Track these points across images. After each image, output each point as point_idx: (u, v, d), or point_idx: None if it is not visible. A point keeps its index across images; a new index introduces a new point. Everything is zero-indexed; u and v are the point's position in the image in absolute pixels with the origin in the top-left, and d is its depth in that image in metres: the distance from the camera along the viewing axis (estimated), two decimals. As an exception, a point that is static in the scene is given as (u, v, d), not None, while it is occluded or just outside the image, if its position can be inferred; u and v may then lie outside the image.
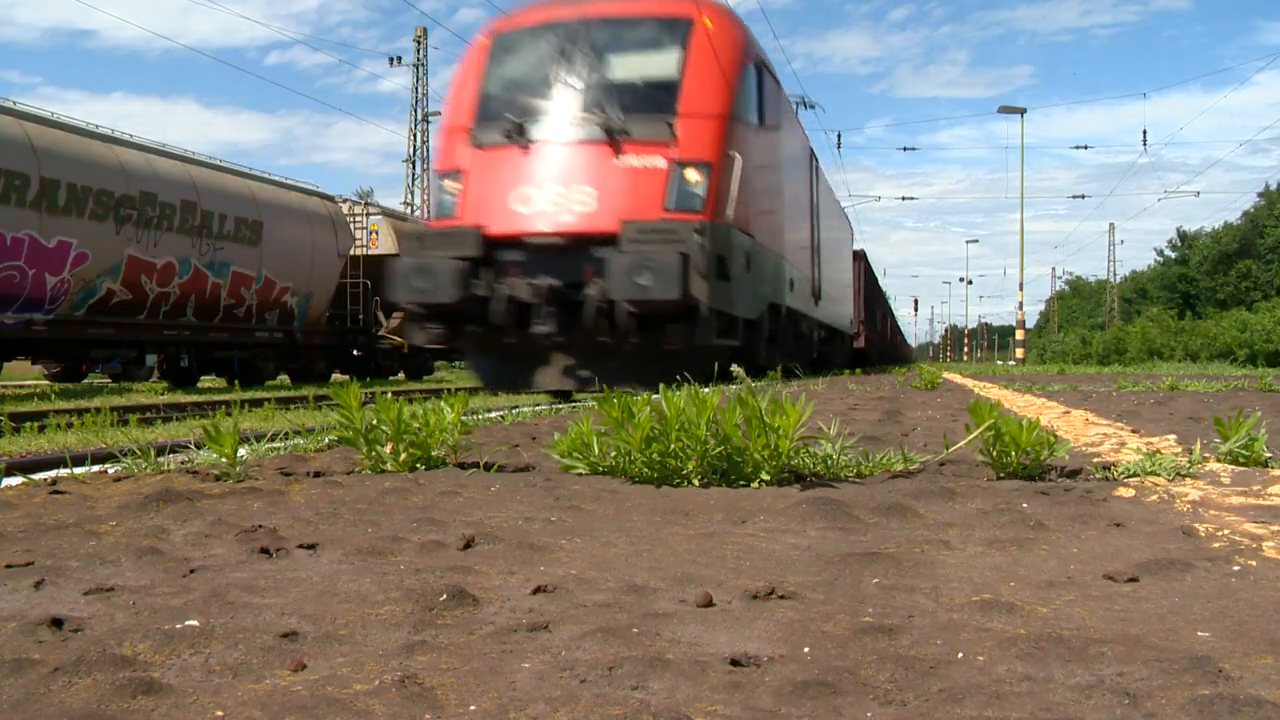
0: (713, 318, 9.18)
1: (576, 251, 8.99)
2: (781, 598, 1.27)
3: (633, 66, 9.95)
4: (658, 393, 2.54)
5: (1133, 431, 3.81)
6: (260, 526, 1.68)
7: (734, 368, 2.47)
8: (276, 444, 3.02)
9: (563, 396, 9.39)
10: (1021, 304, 31.26)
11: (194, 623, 1.12)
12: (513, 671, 0.98)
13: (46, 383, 17.04)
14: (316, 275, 19.01)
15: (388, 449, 2.43)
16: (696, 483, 2.21)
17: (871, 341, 33.66)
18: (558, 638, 1.09)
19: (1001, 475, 2.34)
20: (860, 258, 30.05)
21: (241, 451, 2.74)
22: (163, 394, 14.11)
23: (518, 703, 0.89)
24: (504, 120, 9.71)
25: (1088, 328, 64.80)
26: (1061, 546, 1.61)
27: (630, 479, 2.27)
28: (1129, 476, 2.35)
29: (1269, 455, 2.54)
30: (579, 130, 9.57)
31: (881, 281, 51.39)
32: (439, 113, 29.85)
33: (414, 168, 40.85)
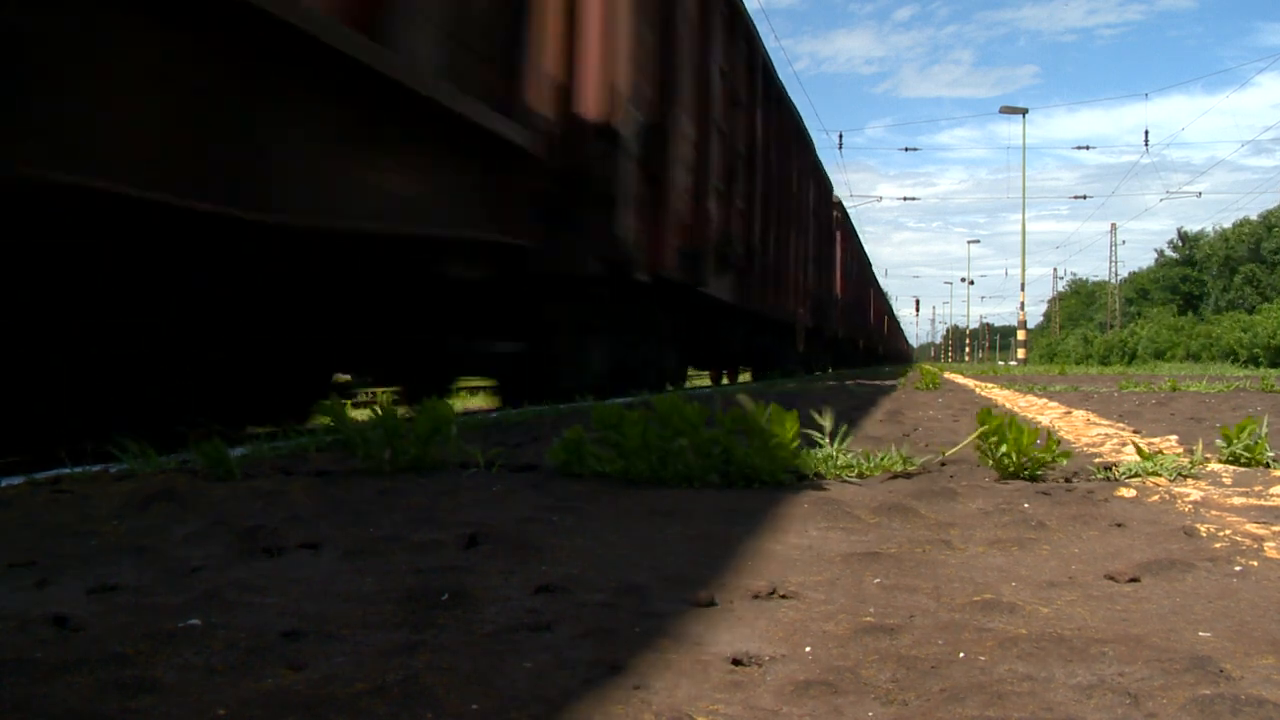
0: None
1: None
2: (783, 597, 1.28)
3: None
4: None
5: (1134, 432, 3.81)
6: (261, 526, 1.68)
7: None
8: (278, 443, 3.02)
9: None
10: (1023, 304, 31.34)
11: (195, 622, 1.13)
12: (514, 671, 0.98)
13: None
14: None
15: (386, 455, 2.43)
16: (696, 484, 2.21)
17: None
18: (559, 637, 1.09)
19: (1002, 476, 2.34)
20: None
21: (242, 450, 2.74)
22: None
23: (519, 702, 0.89)
24: None
25: (1089, 328, 64.82)
26: (1063, 547, 1.61)
27: (631, 480, 2.27)
28: (1130, 477, 2.35)
29: (1271, 456, 2.54)
30: None
31: (883, 281, 51.15)
32: None
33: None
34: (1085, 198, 47.74)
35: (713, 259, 8.97)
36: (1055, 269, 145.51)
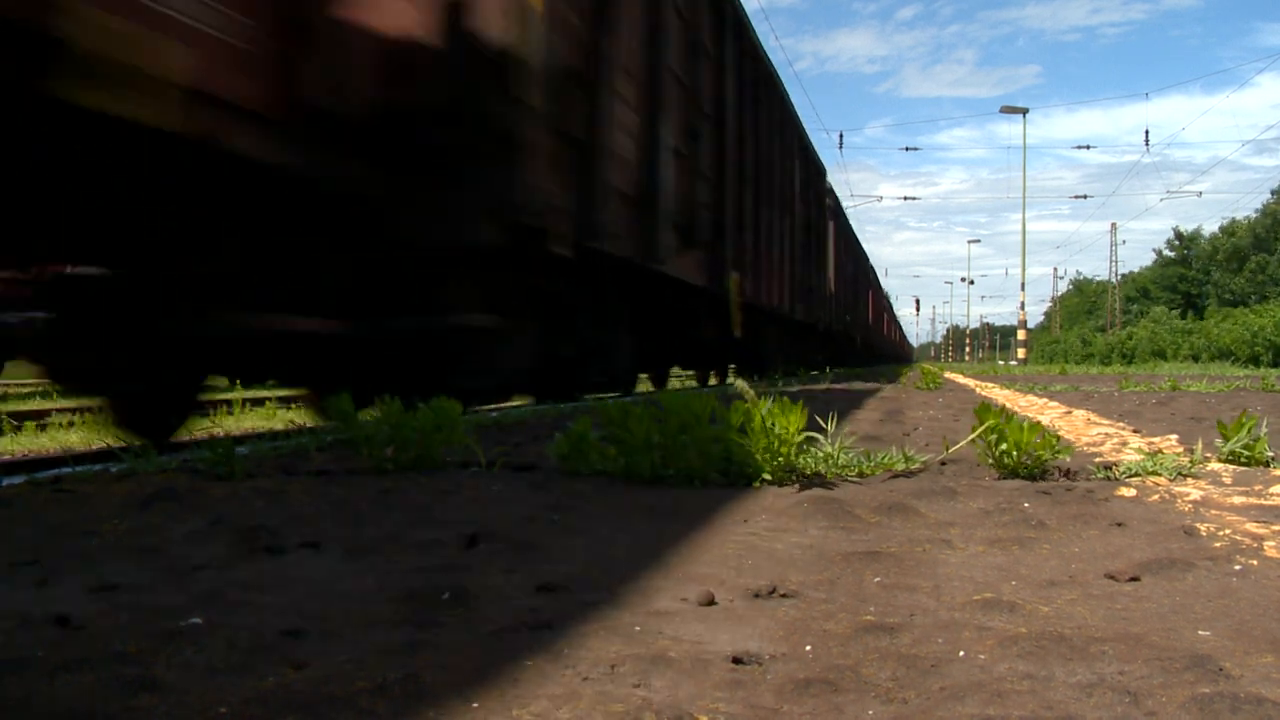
0: None
1: None
2: (783, 596, 1.28)
3: None
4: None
5: (1134, 431, 3.81)
6: (262, 525, 1.69)
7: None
8: (279, 442, 3.02)
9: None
10: (1023, 304, 31.38)
11: (196, 620, 1.13)
12: (515, 669, 0.98)
13: (49, 381, 16.96)
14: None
15: (389, 452, 2.44)
16: (697, 483, 2.21)
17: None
18: (559, 636, 1.09)
19: (1003, 475, 2.34)
20: None
21: (243, 450, 2.74)
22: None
23: (520, 700, 0.90)
24: None
25: (1089, 328, 64.81)
26: (1063, 546, 1.61)
27: (631, 479, 2.27)
28: (1130, 476, 2.35)
29: (1271, 455, 2.54)
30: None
31: (884, 281, 51.10)
32: None
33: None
34: (1086, 197, 47.72)
35: (671, 233, 7.46)
36: (1055, 268, 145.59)
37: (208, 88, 2.67)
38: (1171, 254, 68.12)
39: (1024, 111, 30.66)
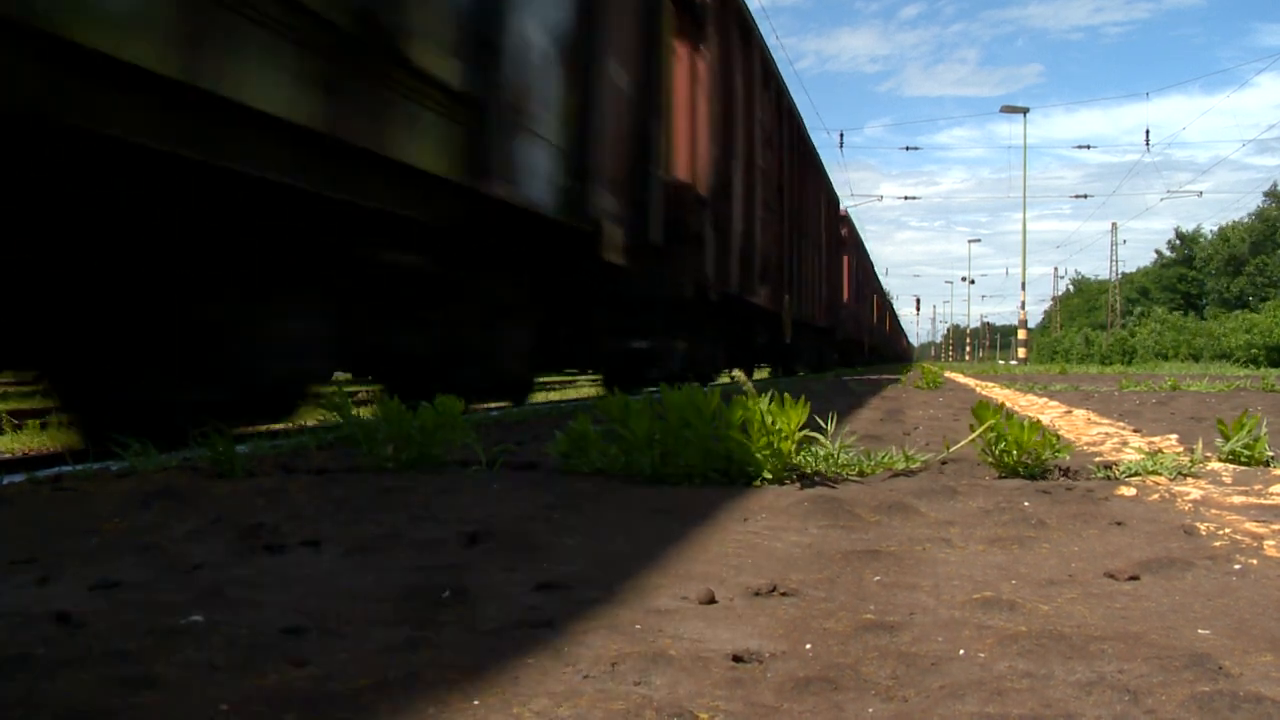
0: None
1: None
2: (783, 595, 1.28)
3: None
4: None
5: (1134, 431, 3.81)
6: (262, 523, 1.69)
7: (738, 375, 2.47)
8: (279, 441, 3.02)
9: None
10: (1024, 304, 31.38)
11: (197, 618, 1.13)
12: (516, 667, 0.98)
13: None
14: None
15: (390, 450, 2.44)
16: (698, 481, 2.21)
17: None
18: (560, 634, 1.09)
19: (1003, 474, 2.34)
20: None
21: (243, 448, 2.74)
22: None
23: (520, 698, 0.90)
24: None
25: (1089, 328, 64.79)
26: (1063, 545, 1.61)
27: (631, 477, 2.27)
28: (1130, 476, 2.35)
29: (1271, 455, 2.54)
30: None
31: (884, 280, 51.07)
32: None
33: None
34: (1086, 197, 47.69)
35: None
36: (1056, 268, 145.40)
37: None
38: (1171, 254, 68.13)
39: (1024, 111, 30.66)
